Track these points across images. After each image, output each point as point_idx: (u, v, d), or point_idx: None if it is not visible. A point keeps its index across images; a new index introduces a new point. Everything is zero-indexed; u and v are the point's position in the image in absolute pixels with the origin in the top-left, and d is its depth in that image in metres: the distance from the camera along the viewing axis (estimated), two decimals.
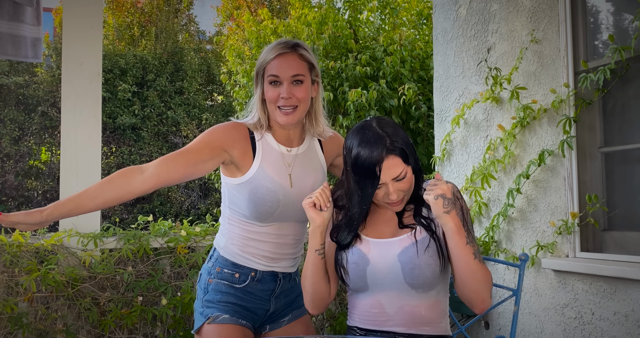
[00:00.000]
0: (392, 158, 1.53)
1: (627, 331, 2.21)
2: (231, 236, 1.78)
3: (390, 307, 1.57)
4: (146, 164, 1.64)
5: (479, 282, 1.50)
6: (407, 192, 1.56)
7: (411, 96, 4.14)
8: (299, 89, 1.70)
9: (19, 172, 8.56)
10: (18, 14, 2.75)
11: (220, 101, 10.24)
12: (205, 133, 1.72)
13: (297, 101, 1.70)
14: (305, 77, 1.71)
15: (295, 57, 1.71)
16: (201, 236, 2.80)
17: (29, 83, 8.79)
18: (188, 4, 10.87)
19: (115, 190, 1.59)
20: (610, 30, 2.53)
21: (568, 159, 2.52)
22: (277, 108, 1.71)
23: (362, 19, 5.60)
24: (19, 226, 1.53)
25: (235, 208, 1.76)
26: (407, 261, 1.53)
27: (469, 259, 1.50)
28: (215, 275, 1.77)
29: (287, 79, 1.69)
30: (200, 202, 9.40)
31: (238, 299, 1.74)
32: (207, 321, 1.71)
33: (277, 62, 1.70)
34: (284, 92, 1.68)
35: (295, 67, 1.70)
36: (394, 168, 1.52)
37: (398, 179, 1.53)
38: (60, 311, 2.56)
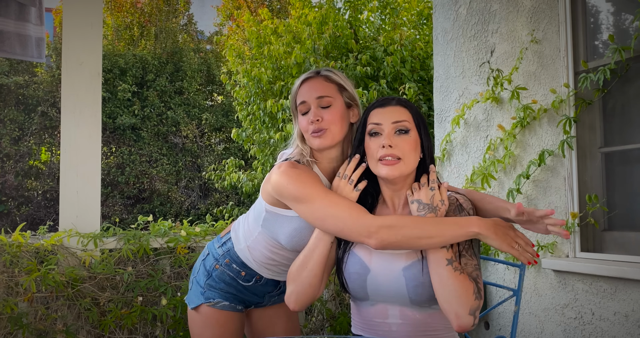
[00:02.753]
0: (399, 108, 1.54)
1: (627, 331, 2.21)
2: (253, 248, 1.76)
3: (394, 318, 1.52)
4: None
5: (449, 292, 1.38)
6: (406, 155, 1.50)
7: (411, 95, 4.14)
8: (328, 112, 1.60)
9: (19, 172, 8.56)
10: (23, 13, 2.75)
11: (220, 101, 10.24)
12: (301, 178, 1.56)
13: (326, 124, 1.59)
14: (333, 98, 1.61)
15: (320, 80, 1.64)
16: (201, 236, 2.80)
17: (29, 83, 8.79)
18: (185, 4, 10.86)
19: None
20: (610, 30, 2.53)
21: (568, 159, 2.52)
22: (309, 136, 1.62)
23: (363, 19, 5.60)
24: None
25: (269, 233, 1.72)
26: (412, 277, 1.46)
27: (440, 264, 1.41)
28: (223, 264, 1.80)
29: (313, 103, 1.61)
30: (200, 202, 9.40)
31: (238, 291, 1.81)
32: (207, 303, 1.78)
33: (303, 89, 1.64)
34: (311, 115, 1.60)
35: (319, 88, 1.62)
36: (397, 113, 1.52)
37: (399, 129, 1.50)
38: (60, 311, 2.56)
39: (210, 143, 9.92)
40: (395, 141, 1.49)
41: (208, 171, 6.74)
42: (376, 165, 1.51)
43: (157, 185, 8.92)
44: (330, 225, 1.51)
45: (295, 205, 1.56)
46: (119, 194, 8.78)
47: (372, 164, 1.53)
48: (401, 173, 1.50)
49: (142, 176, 8.90)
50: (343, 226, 1.48)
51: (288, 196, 1.56)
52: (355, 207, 1.49)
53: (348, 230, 1.48)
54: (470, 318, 1.37)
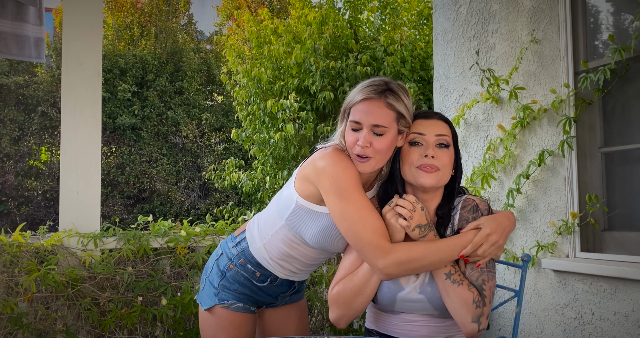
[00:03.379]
0: (442, 123, 1.59)
1: (627, 331, 2.21)
2: (271, 245, 1.74)
3: (415, 323, 1.57)
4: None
5: (451, 304, 1.46)
6: (444, 167, 1.55)
7: (412, 95, 4.14)
8: (379, 140, 1.53)
9: (19, 172, 8.56)
10: (21, 13, 2.74)
11: (220, 101, 10.23)
12: (347, 174, 1.54)
13: (373, 152, 1.54)
14: (388, 129, 1.54)
15: (381, 105, 1.54)
16: (201, 236, 2.80)
17: (29, 83, 8.79)
18: (185, 4, 10.86)
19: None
20: (610, 30, 2.53)
21: (568, 159, 2.52)
22: (353, 154, 1.57)
23: (363, 19, 5.60)
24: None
25: (294, 227, 1.69)
26: (432, 292, 1.52)
27: (440, 279, 1.49)
28: (237, 264, 1.78)
29: (367, 127, 1.54)
30: (200, 202, 9.40)
31: (252, 292, 1.79)
32: (221, 305, 1.77)
33: (361, 106, 1.55)
34: (361, 140, 1.53)
35: (378, 116, 1.53)
36: (440, 126, 1.57)
37: (441, 142, 1.55)
38: (60, 311, 2.55)
39: (210, 143, 9.92)
40: (437, 153, 1.54)
41: (208, 171, 6.74)
42: (415, 172, 1.55)
43: (157, 185, 8.92)
44: (348, 236, 1.54)
45: (330, 195, 1.54)
46: (119, 194, 8.78)
47: (408, 171, 1.56)
48: (438, 183, 1.55)
49: (142, 176, 8.90)
50: (361, 247, 1.52)
51: (331, 184, 1.54)
52: (379, 234, 1.50)
53: (360, 251, 1.53)
54: (474, 326, 1.43)
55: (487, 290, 1.47)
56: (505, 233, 1.53)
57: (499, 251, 1.52)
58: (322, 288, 3.02)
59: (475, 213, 1.57)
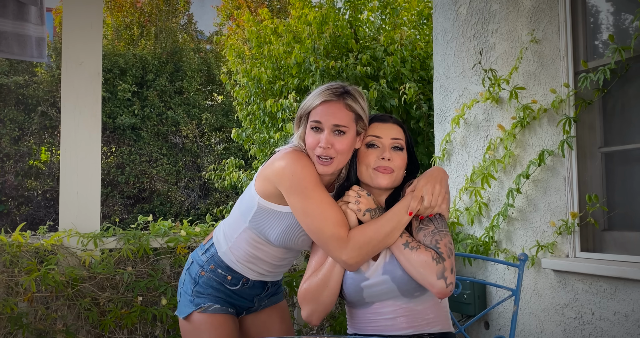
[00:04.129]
0: (397, 127, 1.67)
1: (627, 331, 2.21)
2: (236, 247, 1.77)
3: (387, 314, 1.60)
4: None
5: (414, 269, 1.52)
6: (398, 169, 1.63)
7: (412, 95, 4.14)
8: (340, 141, 1.59)
9: (18, 172, 8.56)
10: (23, 13, 2.74)
11: (220, 101, 10.23)
12: (306, 171, 1.60)
13: (334, 153, 1.59)
14: (348, 128, 1.60)
15: (341, 106, 1.61)
16: (201, 236, 2.80)
17: (29, 83, 8.79)
18: (185, 3, 10.86)
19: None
20: (610, 30, 2.53)
21: (568, 159, 2.52)
22: (314, 155, 1.61)
23: (363, 18, 5.59)
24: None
25: (258, 228, 1.72)
26: (393, 270, 1.57)
27: (399, 251, 1.55)
28: (207, 270, 1.80)
29: (328, 128, 1.59)
30: (200, 202, 9.40)
31: (227, 296, 1.81)
32: (198, 309, 1.77)
33: (322, 109, 1.61)
34: (322, 141, 1.58)
35: (338, 117, 1.60)
36: (396, 130, 1.66)
37: (396, 145, 1.63)
38: (60, 311, 2.55)
39: (210, 142, 9.92)
40: (392, 155, 1.63)
41: (208, 171, 6.74)
42: (372, 173, 1.63)
43: (157, 185, 8.92)
44: (311, 231, 1.59)
45: (292, 194, 1.59)
46: (119, 194, 8.78)
47: (365, 172, 1.65)
48: (392, 183, 1.64)
49: (142, 176, 8.90)
50: (321, 240, 1.58)
51: (291, 183, 1.58)
52: (340, 226, 1.56)
53: (323, 246, 1.59)
54: (440, 282, 1.48)
55: (442, 246, 1.54)
56: (439, 180, 1.59)
57: (444, 201, 1.58)
58: None
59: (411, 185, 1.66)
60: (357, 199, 1.59)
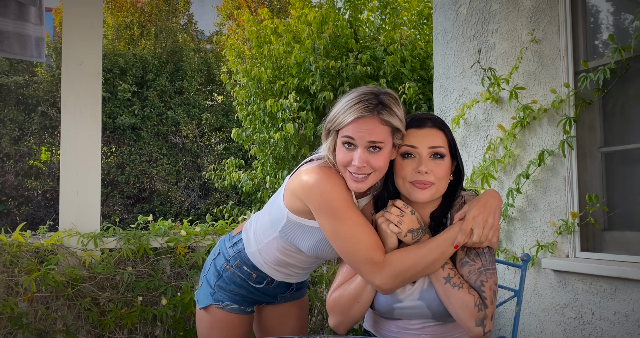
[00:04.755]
0: (436, 131, 1.51)
1: (627, 331, 2.21)
2: (266, 251, 1.72)
3: (416, 331, 1.55)
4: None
5: (453, 308, 1.43)
6: (439, 180, 1.49)
7: (412, 95, 4.14)
8: (376, 157, 1.46)
9: (18, 172, 8.56)
10: (23, 13, 2.74)
11: (220, 100, 10.23)
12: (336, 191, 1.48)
13: (370, 169, 1.47)
14: (384, 143, 1.46)
15: (376, 121, 1.45)
16: (201, 236, 2.80)
17: (29, 83, 8.79)
18: (185, 3, 10.85)
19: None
20: (610, 30, 2.53)
21: (568, 159, 2.52)
22: (346, 171, 1.48)
23: (363, 18, 5.60)
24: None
25: (289, 239, 1.66)
26: (431, 298, 1.49)
27: (439, 284, 1.46)
28: (233, 265, 1.76)
29: (362, 145, 1.45)
30: (200, 202, 9.40)
31: (249, 293, 1.78)
32: (216, 305, 1.76)
33: (354, 126, 1.45)
34: (356, 160, 1.44)
35: (374, 133, 1.44)
36: (434, 137, 1.49)
37: (436, 154, 1.49)
38: (60, 311, 2.55)
39: (210, 142, 9.92)
40: (430, 166, 1.47)
41: (208, 170, 6.74)
42: (409, 187, 1.49)
43: (157, 185, 8.92)
44: (342, 254, 1.50)
45: (321, 214, 1.50)
46: (119, 194, 8.77)
47: (402, 185, 1.51)
48: (432, 197, 1.49)
49: (142, 176, 8.90)
50: (354, 263, 1.48)
51: (320, 203, 1.48)
52: (373, 249, 1.45)
53: (356, 269, 1.49)
54: (478, 330, 1.40)
55: (487, 290, 1.43)
56: (493, 211, 1.46)
57: (495, 233, 1.46)
58: (322, 287, 3.02)
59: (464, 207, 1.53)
60: (400, 220, 1.45)
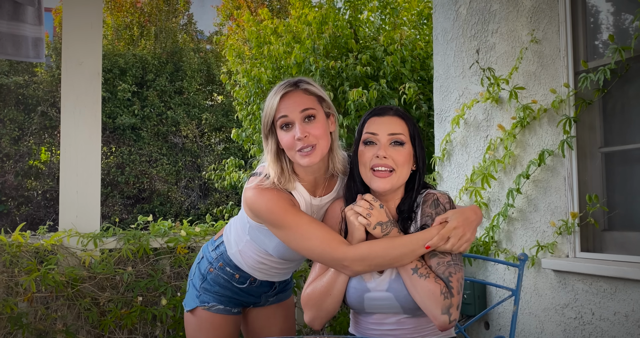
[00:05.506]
0: (396, 119, 1.55)
1: (627, 331, 2.21)
2: (244, 253, 1.79)
3: (390, 325, 1.57)
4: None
5: (420, 297, 1.46)
6: (399, 167, 1.53)
7: (412, 95, 4.14)
8: (313, 126, 1.55)
9: (18, 172, 8.56)
10: (18, 13, 2.74)
11: (220, 101, 10.23)
12: (272, 204, 1.56)
13: (314, 139, 1.55)
14: (316, 110, 1.57)
15: (299, 93, 1.58)
16: (201, 236, 2.79)
17: (29, 83, 8.79)
18: (185, 3, 10.86)
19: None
20: (610, 30, 2.53)
21: (568, 159, 2.52)
22: (295, 152, 1.56)
23: (363, 18, 5.60)
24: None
25: (257, 241, 1.74)
26: (399, 289, 1.51)
27: (407, 274, 1.48)
28: (216, 267, 1.82)
29: (297, 118, 1.55)
30: (200, 202, 9.40)
31: (234, 293, 1.83)
32: (202, 307, 1.81)
33: (283, 104, 1.56)
34: (298, 132, 1.53)
35: (302, 102, 1.56)
36: (394, 124, 1.54)
37: (395, 141, 1.53)
38: (60, 311, 2.55)
39: (210, 142, 9.92)
40: (389, 152, 1.52)
41: (208, 171, 6.74)
42: (369, 176, 1.54)
43: (157, 185, 8.92)
44: (306, 254, 1.58)
45: (268, 226, 1.61)
46: (119, 194, 8.77)
47: (363, 172, 1.56)
48: (392, 186, 1.53)
49: (142, 176, 8.90)
50: (317, 257, 1.55)
51: (264, 218, 1.59)
52: (327, 239, 1.51)
53: (322, 261, 1.56)
54: (444, 317, 1.42)
55: (455, 281, 1.46)
56: (472, 226, 1.52)
57: (467, 246, 1.52)
58: None
59: (437, 207, 1.56)
60: (369, 212, 1.50)
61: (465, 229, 1.49)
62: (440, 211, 1.55)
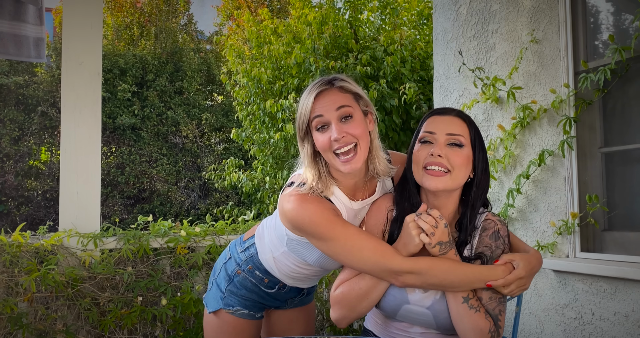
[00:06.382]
0: (458, 120, 1.47)
1: (627, 331, 2.21)
2: (279, 262, 1.71)
3: (416, 334, 1.54)
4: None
5: (464, 330, 1.41)
6: (455, 168, 1.43)
7: (412, 95, 4.14)
8: (352, 125, 1.47)
9: (18, 172, 8.56)
10: (20, 13, 2.74)
11: (220, 101, 10.23)
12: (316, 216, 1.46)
13: (353, 138, 1.46)
14: (353, 108, 1.49)
15: (335, 91, 1.49)
16: (201, 236, 2.80)
17: (29, 83, 8.79)
18: (185, 4, 10.86)
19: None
20: (610, 30, 2.53)
21: (568, 159, 2.52)
22: (334, 156, 1.47)
23: (363, 18, 5.60)
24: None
25: (295, 253, 1.66)
26: (440, 310, 1.46)
27: (456, 302, 1.43)
28: (245, 270, 1.75)
29: (333, 118, 1.47)
30: (200, 202, 9.40)
31: (260, 298, 1.78)
32: (226, 310, 1.76)
33: (318, 103, 1.48)
34: (334, 133, 1.45)
35: (338, 100, 1.48)
36: (454, 125, 1.46)
37: (453, 142, 1.45)
38: (60, 311, 2.55)
39: (210, 143, 9.92)
40: (446, 152, 1.44)
41: (208, 171, 6.74)
42: (421, 174, 1.45)
43: (157, 185, 8.92)
44: (356, 266, 1.48)
45: (312, 240, 1.51)
46: (119, 194, 8.77)
47: (416, 171, 1.47)
48: (446, 187, 1.44)
49: (142, 176, 8.90)
50: (369, 269, 1.46)
51: (307, 231, 1.50)
52: (380, 249, 1.43)
53: (372, 272, 1.46)
54: None
55: (502, 320, 1.42)
56: (532, 277, 1.49)
57: (520, 292, 1.49)
58: (321, 288, 3.02)
59: (497, 240, 1.49)
60: (434, 230, 1.39)
61: (527, 279, 1.45)
62: (499, 245, 1.49)
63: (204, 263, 2.77)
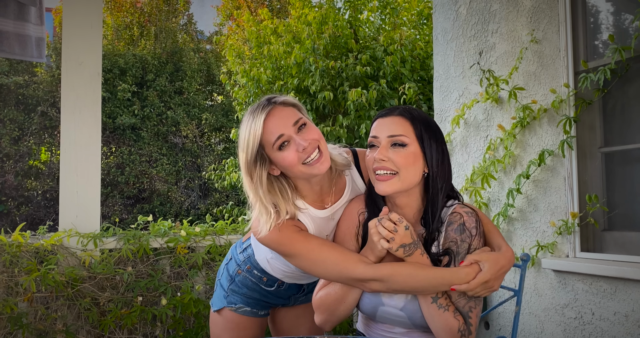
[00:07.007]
0: (400, 119, 1.46)
1: (627, 331, 2.21)
2: (272, 264, 1.77)
3: (400, 334, 1.55)
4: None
5: (435, 328, 1.42)
6: (402, 169, 1.43)
7: (411, 95, 4.13)
8: (309, 132, 1.51)
9: (18, 172, 8.55)
10: (23, 13, 2.74)
11: (220, 101, 10.23)
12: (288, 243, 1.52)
13: (315, 142, 1.50)
14: (304, 119, 1.52)
15: (280, 108, 1.51)
16: (201, 236, 2.80)
17: (29, 83, 8.79)
18: (184, 4, 10.86)
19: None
20: (610, 30, 2.53)
21: (568, 159, 2.52)
22: (305, 166, 1.49)
23: (363, 18, 5.60)
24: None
25: (281, 260, 1.71)
26: (414, 311, 1.47)
27: (425, 302, 1.43)
28: (244, 269, 1.82)
29: (293, 132, 1.49)
30: (200, 202, 9.39)
31: (262, 296, 1.83)
32: (229, 308, 1.82)
33: (271, 124, 1.48)
34: (301, 143, 1.47)
35: (288, 115, 1.50)
36: (395, 125, 1.46)
37: (395, 143, 1.45)
38: (60, 311, 2.55)
39: (210, 142, 9.92)
40: (389, 155, 1.44)
41: (208, 171, 6.74)
42: (373, 178, 1.47)
43: (157, 185, 8.92)
44: (322, 277, 1.54)
45: (284, 258, 1.59)
46: (119, 194, 8.77)
47: (371, 177, 1.50)
48: (396, 190, 1.45)
49: (142, 176, 8.90)
50: (335, 279, 1.51)
51: (276, 252, 1.58)
52: (342, 260, 1.47)
53: (340, 281, 1.51)
54: None
55: (474, 317, 1.42)
56: (501, 277, 1.46)
57: (489, 293, 1.47)
58: None
59: (462, 233, 1.46)
60: (393, 235, 1.39)
61: (495, 282, 1.43)
62: (465, 239, 1.46)
63: (204, 263, 2.77)
